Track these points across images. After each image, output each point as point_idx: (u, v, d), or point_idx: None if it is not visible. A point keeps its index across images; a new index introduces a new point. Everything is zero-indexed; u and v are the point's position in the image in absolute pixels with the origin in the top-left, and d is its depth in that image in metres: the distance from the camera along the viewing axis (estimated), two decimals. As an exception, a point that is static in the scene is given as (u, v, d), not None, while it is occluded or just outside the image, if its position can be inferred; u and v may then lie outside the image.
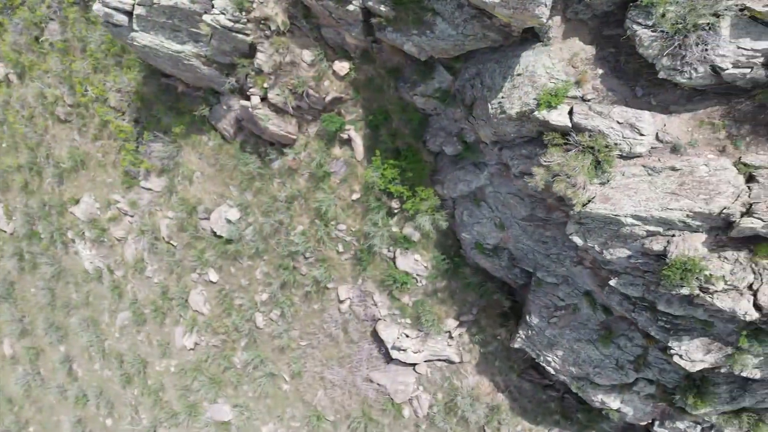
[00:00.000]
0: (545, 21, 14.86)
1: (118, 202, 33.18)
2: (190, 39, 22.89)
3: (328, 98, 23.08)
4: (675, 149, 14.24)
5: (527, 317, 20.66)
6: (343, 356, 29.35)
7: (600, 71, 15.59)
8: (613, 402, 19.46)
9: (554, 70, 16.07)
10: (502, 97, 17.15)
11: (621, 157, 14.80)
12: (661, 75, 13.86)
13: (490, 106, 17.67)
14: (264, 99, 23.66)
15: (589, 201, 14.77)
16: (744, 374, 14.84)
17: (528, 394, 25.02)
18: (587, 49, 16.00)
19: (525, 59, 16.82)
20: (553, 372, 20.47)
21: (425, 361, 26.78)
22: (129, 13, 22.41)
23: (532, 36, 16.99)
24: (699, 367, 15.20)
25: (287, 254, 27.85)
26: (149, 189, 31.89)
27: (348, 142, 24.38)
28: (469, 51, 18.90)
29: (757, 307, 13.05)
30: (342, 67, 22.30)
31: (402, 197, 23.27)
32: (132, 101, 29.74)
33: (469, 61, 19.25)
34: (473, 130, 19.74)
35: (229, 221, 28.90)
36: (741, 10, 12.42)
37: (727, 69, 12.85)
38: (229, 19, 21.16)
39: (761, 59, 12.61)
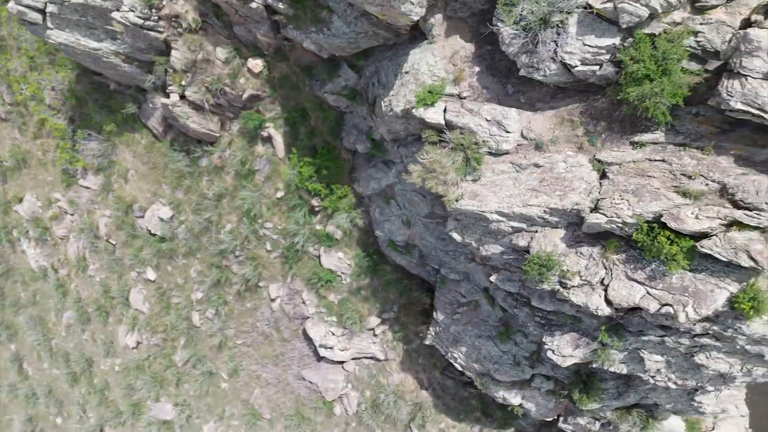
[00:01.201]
0: (416, 18, 15.07)
1: (58, 201, 33.34)
2: (107, 36, 23.05)
3: (246, 96, 23.24)
4: (538, 146, 14.46)
5: (434, 314, 20.87)
6: (277, 354, 29.53)
7: (476, 69, 15.79)
8: (514, 398, 19.66)
9: (436, 68, 16.28)
10: (392, 95, 17.36)
11: (491, 154, 15.01)
12: (522, 72, 14.07)
13: (383, 104, 17.89)
14: (183, 97, 23.80)
15: (461, 198, 14.94)
16: (612, 369, 15.04)
17: (450, 392, 25.23)
18: (467, 46, 16.19)
19: (412, 57, 17.03)
20: (460, 368, 20.69)
21: (353, 359, 26.98)
22: (42, 11, 22.55)
23: (421, 34, 17.19)
24: (570, 362, 15.40)
25: (218, 252, 28.03)
26: (87, 187, 32.04)
27: (270, 140, 24.56)
28: (368, 49, 19.10)
29: (608, 301, 13.26)
30: (256, 64, 22.47)
31: (320, 195, 23.45)
32: (66, 99, 29.89)
33: (369, 59, 19.44)
34: (377, 128, 19.95)
35: (161, 219, 29.06)
36: (585, 7, 12.62)
37: (577, 66, 13.05)
38: (139, 17, 21.31)
39: (607, 56, 12.81)
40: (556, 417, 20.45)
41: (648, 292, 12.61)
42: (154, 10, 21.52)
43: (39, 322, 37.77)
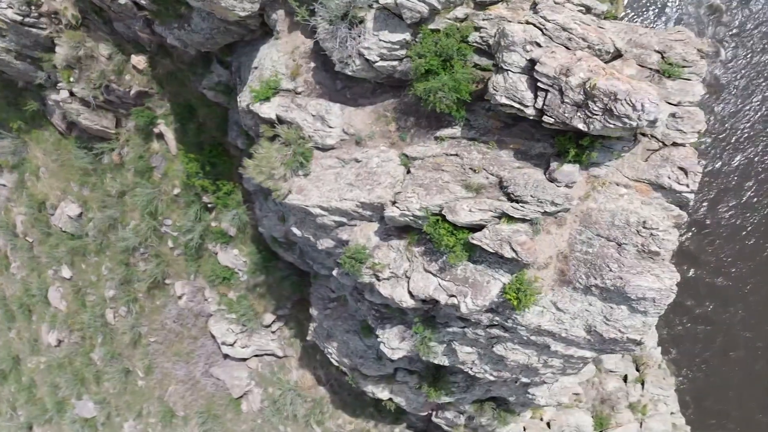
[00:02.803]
0: (243, 14, 15.42)
1: (-23, 198, 33.57)
2: (-4, 34, 23.28)
3: (133, 92, 23.54)
4: (358, 141, 14.78)
5: (310, 309, 21.18)
6: (188, 352, 29.83)
7: (312, 65, 16.10)
8: (382, 392, 20.00)
9: (278, 64, 16.59)
10: (243, 91, 17.65)
11: (318, 149, 15.33)
12: (337, 68, 14.38)
13: (239, 100, 18.17)
14: (73, 93, 24.05)
15: (289, 193, 15.25)
16: (435, 361, 15.36)
17: (346, 387, 25.51)
18: (307, 42, 16.49)
19: (261, 53, 17.36)
20: (335, 363, 21.00)
21: (255, 356, 27.29)
22: (-75, 8, 22.75)
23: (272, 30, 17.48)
24: (398, 354, 15.74)
25: (124, 250, 28.30)
26: (4, 185, 32.29)
27: (162, 137, 24.82)
28: (232, 45, 19.40)
29: (410, 293, 13.57)
30: (139, 60, 22.75)
31: (208, 192, 23.74)
32: (-24, 97, 30.08)
33: (233, 55, 19.73)
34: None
35: (70, 217, 29.31)
36: (378, 2, 12.91)
37: (377, 61, 13.37)
38: (17, 13, 21.58)
39: (403, 51, 13.11)
40: (430, 411, 20.78)
41: (439, 284, 12.95)
42: (33, 7, 21.78)
43: (-33, 320, 37.99)
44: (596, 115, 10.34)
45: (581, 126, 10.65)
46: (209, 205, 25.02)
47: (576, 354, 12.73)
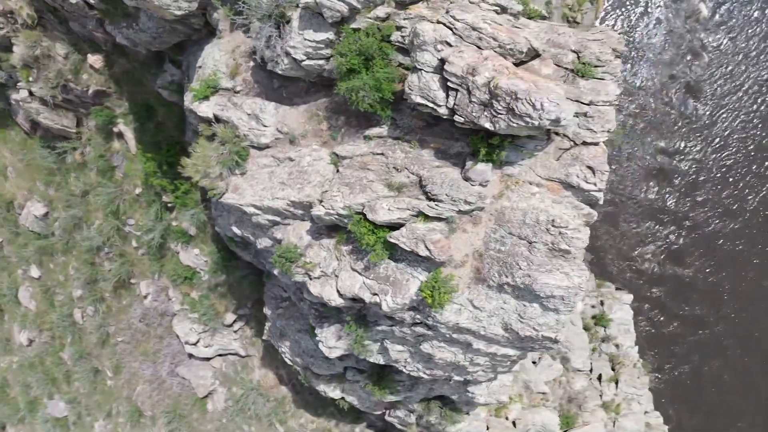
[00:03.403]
0: (179, 13, 15.55)
1: (-52, 198, 33.60)
2: (-45, 32, 23.32)
3: (91, 91, 23.60)
4: (292, 140, 14.86)
5: (264, 309, 21.26)
6: (154, 351, 29.91)
7: (252, 64, 16.18)
8: (333, 392, 20.09)
9: (219, 63, 16.69)
10: (188, 90, 17.72)
11: (254, 147, 15.42)
12: (269, 66, 14.46)
13: (185, 99, 18.24)
14: (33, 93, 24.11)
15: (225, 191, 15.33)
16: (372, 360, 15.44)
17: (308, 387, 25.57)
18: (247, 42, 16.55)
19: (205, 52, 17.44)
20: (288, 362, 21.08)
21: (219, 355, 27.36)
22: None
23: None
24: (336, 353, 15.82)
25: (89, 249, 28.36)
26: (-28, 184, 32.32)
27: (122, 136, 24.88)
28: (182, 44, 19.46)
29: (339, 292, 13.65)
30: (96, 60, 22.82)
31: (167, 191, 23.80)
32: (-57, 95, 30.13)
33: (183, 54, 19.80)
34: (194, 122, 20.31)
35: (35, 217, 29.38)
36: (302, 2, 13.00)
37: (303, 60, 13.46)
38: (-28, 13, 21.59)
39: (328, 51, 13.19)
40: (383, 410, 20.87)
41: (364, 282, 13.04)
42: (-12, 7, 21.82)
43: (-60, 320, 38.02)
44: (501, 114, 10.43)
45: (488, 125, 10.74)
46: (169, 205, 25.10)
47: (499, 352, 12.81)
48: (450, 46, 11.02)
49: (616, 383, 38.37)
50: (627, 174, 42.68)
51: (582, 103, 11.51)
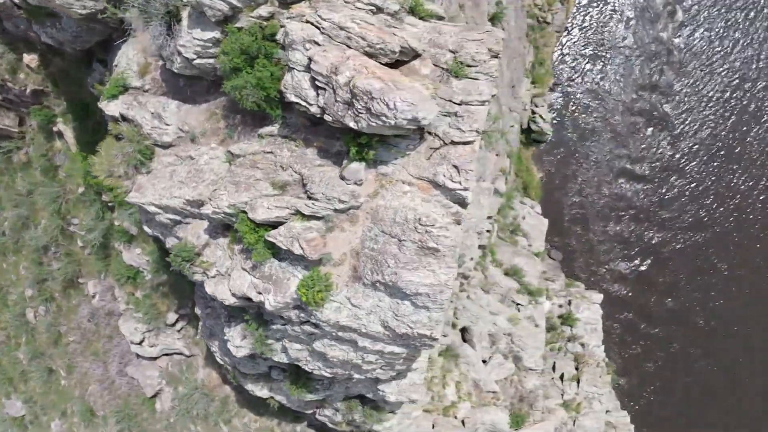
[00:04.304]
0: (83, 12, 15.54)
1: None
2: None
3: (29, 91, 23.62)
4: (192, 139, 14.91)
5: (195, 308, 21.30)
6: (104, 351, 29.95)
7: (161, 63, 16.19)
8: (261, 391, 20.16)
9: (132, 62, 16.72)
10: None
11: (159, 146, 15.48)
12: (168, 65, 14.50)
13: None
14: (-30, 92, 24.15)
15: (129, 191, 15.38)
16: (276, 359, 15.51)
17: (248, 387, 25.65)
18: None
19: (121, 51, 17.48)
20: (219, 362, 21.12)
21: (165, 355, 27.39)
22: None
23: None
24: (242, 352, 15.89)
25: (36, 249, 28.40)
26: (-75, 185, 32.33)
27: (63, 135, 24.91)
28: (105, 43, 19.49)
29: (231, 291, 13.71)
30: (32, 59, 22.85)
31: (105, 190, 23.80)
32: None
33: (108, 54, 19.83)
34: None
35: (-16, 216, 29.40)
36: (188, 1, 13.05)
37: (194, 59, 13.51)
38: None
39: (216, 49, 13.24)
40: (314, 409, 20.92)
41: (252, 281, 13.09)
42: None
43: None
44: (362, 113, 10.49)
45: (352, 124, 10.80)
46: (110, 204, 25.10)
47: (386, 349, 12.88)
48: (318, 45, 11.08)
49: (578, 382, 38.49)
50: (594, 177, 42.85)
51: (453, 102, 11.56)
